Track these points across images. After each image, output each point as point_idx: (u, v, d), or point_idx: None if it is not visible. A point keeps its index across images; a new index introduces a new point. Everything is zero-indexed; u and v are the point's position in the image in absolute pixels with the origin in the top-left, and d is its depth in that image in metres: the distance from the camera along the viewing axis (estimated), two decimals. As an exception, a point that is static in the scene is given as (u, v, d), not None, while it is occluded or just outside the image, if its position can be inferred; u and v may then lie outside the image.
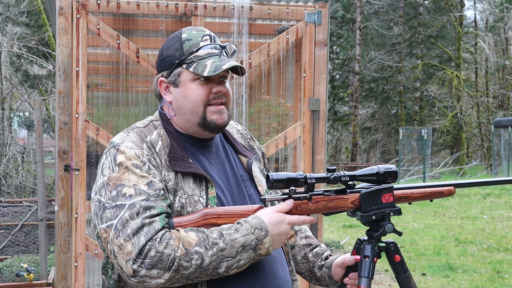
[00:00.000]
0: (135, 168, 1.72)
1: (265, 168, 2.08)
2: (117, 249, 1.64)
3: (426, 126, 23.62)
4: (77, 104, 3.98)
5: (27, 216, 8.56)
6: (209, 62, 1.81)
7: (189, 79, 1.83)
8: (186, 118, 1.85)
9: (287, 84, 4.59)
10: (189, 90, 1.83)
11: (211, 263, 1.65)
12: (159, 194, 1.71)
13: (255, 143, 2.11)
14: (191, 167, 1.79)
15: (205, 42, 1.84)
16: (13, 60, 15.65)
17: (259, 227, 1.70)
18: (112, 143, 1.80)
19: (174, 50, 1.85)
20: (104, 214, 1.69)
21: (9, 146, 13.87)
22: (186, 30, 1.88)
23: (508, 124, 19.15)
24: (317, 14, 4.31)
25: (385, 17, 25.69)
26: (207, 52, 1.83)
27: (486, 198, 13.71)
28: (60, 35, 3.97)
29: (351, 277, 1.92)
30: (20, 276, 5.40)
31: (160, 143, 1.81)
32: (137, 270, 1.62)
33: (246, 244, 1.68)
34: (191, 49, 1.83)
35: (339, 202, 1.83)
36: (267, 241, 1.70)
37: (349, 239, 9.18)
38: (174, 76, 1.85)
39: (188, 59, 1.82)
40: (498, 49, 27.44)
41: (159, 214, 1.68)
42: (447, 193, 1.94)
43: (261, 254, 1.71)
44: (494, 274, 7.05)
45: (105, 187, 1.72)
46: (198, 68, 1.81)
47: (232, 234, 1.68)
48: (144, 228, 1.64)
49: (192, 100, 1.82)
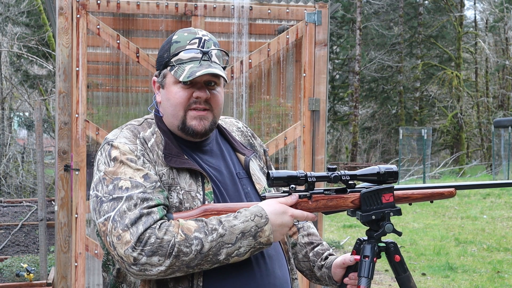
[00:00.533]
0: (130, 162, 1.73)
1: (266, 166, 2.08)
2: (115, 240, 1.64)
3: (426, 126, 23.62)
4: (77, 104, 3.98)
5: (27, 216, 8.56)
6: (188, 67, 1.80)
7: (172, 81, 1.84)
8: (169, 120, 1.86)
9: (287, 84, 4.59)
10: (171, 92, 1.84)
11: (211, 249, 1.65)
12: (155, 186, 1.72)
13: (256, 141, 2.10)
14: (187, 162, 1.79)
15: (192, 45, 1.82)
16: (13, 60, 15.65)
17: (259, 214, 1.70)
18: (106, 140, 1.81)
19: (164, 51, 1.86)
20: (102, 207, 1.70)
21: (9, 146, 13.87)
22: (179, 32, 1.88)
23: (508, 124, 19.16)
24: (317, 14, 4.31)
25: (385, 17, 25.69)
26: (191, 56, 1.81)
27: (486, 198, 13.71)
28: (60, 35, 3.97)
29: (351, 277, 1.91)
30: (20, 276, 5.40)
31: (153, 140, 1.82)
32: (138, 258, 1.62)
33: (245, 231, 1.68)
34: (177, 51, 1.83)
35: (339, 201, 1.84)
36: (267, 228, 1.70)
37: (349, 239, 9.18)
38: (161, 78, 1.87)
39: (171, 62, 1.83)
40: (498, 49, 27.44)
41: (157, 205, 1.69)
42: (447, 194, 1.94)
43: (261, 243, 1.70)
44: (494, 274, 7.05)
45: (102, 182, 1.73)
46: (177, 72, 1.81)
47: (231, 221, 1.68)
48: (143, 218, 1.65)
49: (173, 103, 1.83)
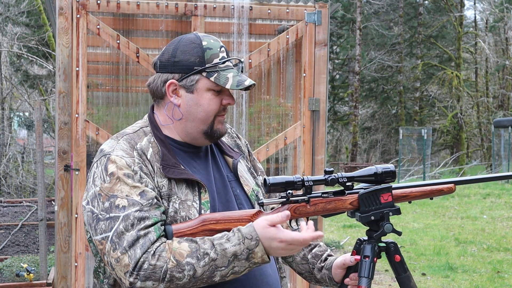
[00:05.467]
0: (127, 178, 1.72)
1: (252, 166, 2.08)
2: (114, 262, 1.67)
3: (426, 126, 23.61)
4: (77, 104, 3.98)
5: (27, 216, 8.56)
6: (230, 75, 1.82)
7: (206, 87, 1.83)
8: (193, 124, 1.85)
9: (287, 84, 4.59)
10: (204, 98, 1.83)
11: (204, 273, 1.66)
12: (152, 203, 1.71)
13: (241, 141, 2.11)
14: (184, 173, 1.79)
15: (222, 53, 1.85)
16: (13, 60, 15.65)
17: (249, 236, 1.69)
18: (102, 152, 1.79)
19: (193, 56, 1.82)
20: (98, 225, 1.70)
21: (9, 146, 13.87)
22: (205, 38, 1.86)
23: (508, 124, 19.16)
24: (317, 14, 4.31)
25: (385, 17, 25.68)
26: (226, 64, 1.84)
27: (486, 198, 13.71)
28: (60, 35, 3.97)
29: (352, 278, 1.91)
30: (20, 276, 5.40)
31: (151, 150, 1.81)
32: (133, 282, 1.65)
33: (237, 254, 1.68)
34: (213, 58, 1.82)
35: (337, 203, 1.83)
36: (258, 250, 1.69)
37: (349, 239, 9.18)
38: (191, 82, 1.83)
39: (209, 68, 1.82)
40: (498, 49, 27.43)
41: (153, 224, 1.69)
42: (447, 190, 1.93)
43: (256, 263, 1.71)
44: (494, 274, 7.05)
45: (97, 198, 1.72)
46: (219, 79, 1.81)
47: (223, 244, 1.68)
48: (140, 240, 1.66)
49: (206, 109, 1.83)
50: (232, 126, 4.34)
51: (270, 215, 1.74)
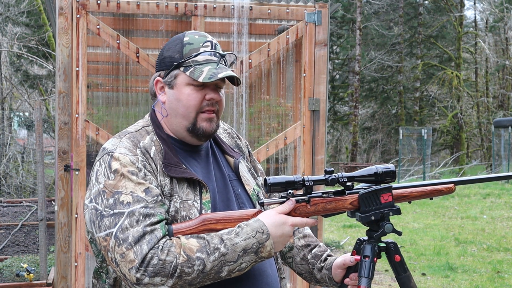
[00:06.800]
0: (131, 175, 1.71)
1: (252, 167, 2.09)
2: (119, 257, 1.64)
3: (426, 126, 23.62)
4: (77, 104, 3.98)
5: (27, 216, 8.56)
6: (206, 68, 1.81)
7: (184, 82, 1.83)
8: (176, 120, 1.85)
9: (287, 84, 4.59)
10: (183, 93, 1.83)
11: (213, 268, 1.66)
12: (157, 201, 1.71)
13: (242, 142, 2.12)
14: (186, 172, 1.79)
15: (205, 48, 1.84)
16: (13, 60, 15.65)
17: (261, 230, 1.70)
18: (105, 150, 1.78)
19: (174, 52, 1.85)
20: (102, 222, 1.68)
21: (9, 146, 13.87)
22: (189, 34, 1.88)
23: (508, 124, 19.16)
24: (317, 14, 4.31)
25: (385, 17, 25.69)
26: (206, 58, 1.83)
27: (486, 198, 13.71)
28: (60, 35, 3.97)
29: (351, 278, 1.91)
30: (20, 276, 5.40)
31: (153, 148, 1.80)
32: (140, 278, 1.62)
33: (247, 248, 1.68)
34: (191, 53, 1.83)
35: (338, 203, 1.83)
36: (268, 244, 1.71)
37: (349, 239, 9.18)
38: (171, 78, 1.85)
39: (186, 63, 1.83)
40: (498, 49, 27.44)
41: (159, 221, 1.68)
42: (447, 190, 1.93)
43: (263, 257, 1.72)
44: (494, 274, 7.05)
45: (101, 195, 1.70)
46: (194, 73, 1.81)
47: (232, 239, 1.68)
48: (146, 237, 1.64)
49: (185, 104, 1.83)
50: (232, 126, 4.34)
51: (275, 208, 1.78)
